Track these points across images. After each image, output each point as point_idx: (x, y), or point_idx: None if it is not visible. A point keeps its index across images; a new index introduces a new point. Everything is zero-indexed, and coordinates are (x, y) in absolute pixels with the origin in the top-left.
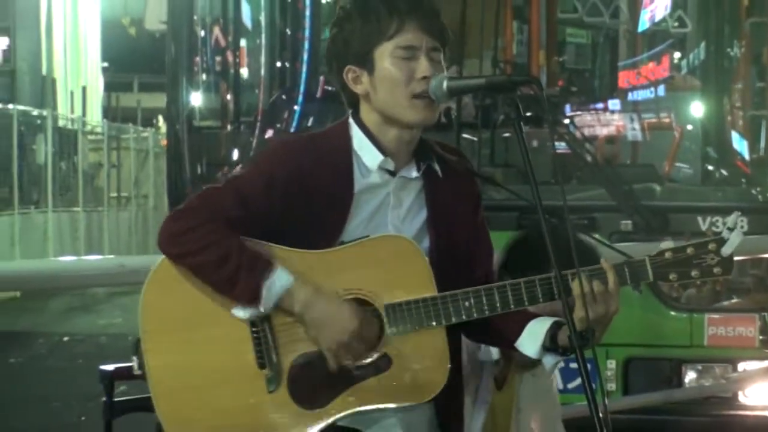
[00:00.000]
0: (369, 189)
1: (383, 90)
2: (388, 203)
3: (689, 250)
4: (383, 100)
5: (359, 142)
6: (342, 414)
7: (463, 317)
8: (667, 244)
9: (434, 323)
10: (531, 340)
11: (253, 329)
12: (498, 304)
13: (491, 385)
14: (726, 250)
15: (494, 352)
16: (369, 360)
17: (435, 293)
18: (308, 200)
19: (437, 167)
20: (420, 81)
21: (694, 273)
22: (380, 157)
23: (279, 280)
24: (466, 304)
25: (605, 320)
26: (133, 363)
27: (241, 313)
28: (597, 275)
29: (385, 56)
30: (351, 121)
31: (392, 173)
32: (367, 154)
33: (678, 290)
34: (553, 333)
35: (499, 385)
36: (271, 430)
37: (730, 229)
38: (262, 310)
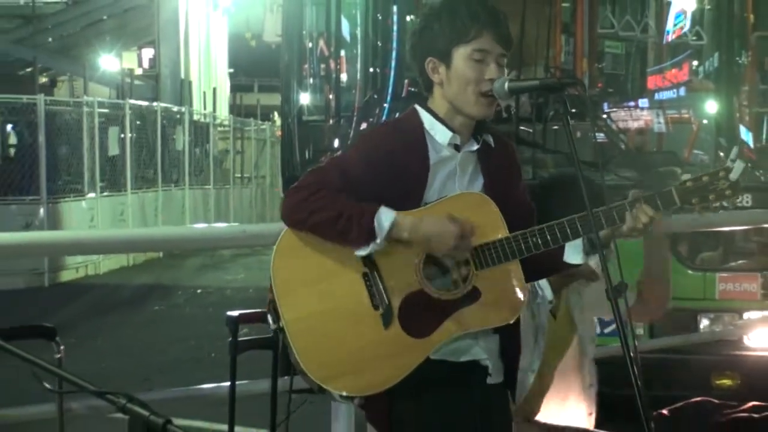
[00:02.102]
0: (441, 162)
1: (456, 84)
2: (455, 173)
3: (705, 179)
4: (454, 92)
5: (430, 123)
6: (444, 340)
7: (533, 250)
8: (687, 176)
9: (512, 258)
10: (574, 251)
11: (365, 278)
12: (559, 236)
13: (548, 316)
14: (733, 176)
15: (548, 295)
16: (462, 294)
17: (508, 234)
18: (396, 174)
19: (491, 139)
20: (487, 82)
21: (711, 196)
22: (450, 134)
23: (385, 216)
24: (534, 239)
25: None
26: (269, 320)
27: (363, 251)
28: (632, 206)
29: (462, 56)
30: (418, 108)
31: (458, 148)
32: (438, 132)
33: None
34: (588, 239)
35: (554, 315)
36: (391, 359)
37: (733, 160)
38: (378, 241)
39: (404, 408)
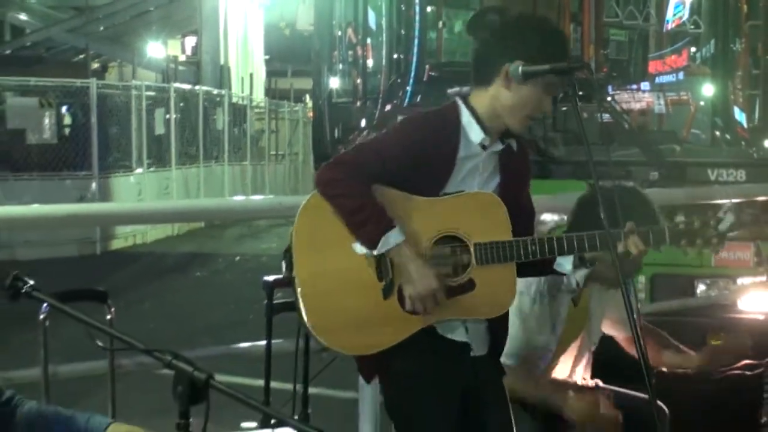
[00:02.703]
0: (467, 157)
1: (517, 98)
2: (477, 169)
3: (696, 224)
4: (511, 101)
5: (468, 121)
6: (434, 320)
7: (530, 257)
8: (680, 218)
9: (510, 260)
10: (564, 262)
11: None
12: (556, 250)
13: (569, 304)
14: (722, 227)
15: (574, 282)
16: (459, 282)
17: (511, 238)
18: (426, 161)
19: (514, 144)
20: (539, 112)
21: (698, 241)
22: (482, 135)
23: (393, 238)
24: (533, 248)
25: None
26: (282, 267)
27: (359, 249)
28: (627, 236)
29: (540, 81)
30: (460, 103)
31: (484, 147)
32: (472, 130)
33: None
34: (580, 255)
35: (575, 302)
36: (382, 327)
37: (725, 212)
38: (374, 253)
39: (398, 363)
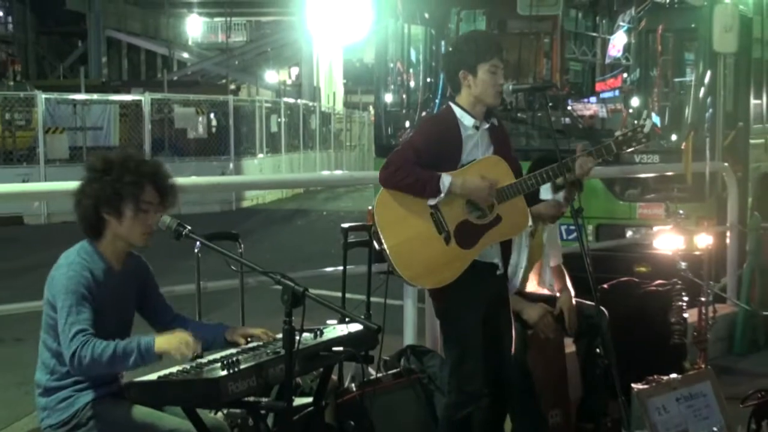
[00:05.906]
0: (468, 137)
1: (481, 86)
2: (477, 144)
3: (629, 133)
4: (479, 92)
5: (460, 113)
6: (482, 249)
7: (531, 189)
8: (618, 133)
9: (520, 193)
10: (545, 191)
11: (432, 215)
12: (545, 178)
13: (528, 236)
14: (646, 129)
15: (529, 222)
16: (490, 219)
17: (515, 180)
18: (443, 146)
19: (495, 121)
20: (498, 85)
21: (633, 143)
22: (473, 119)
23: (445, 179)
24: (531, 181)
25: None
26: (375, 243)
27: (433, 201)
28: (586, 155)
29: (483, 70)
30: (452, 104)
31: (477, 128)
32: (465, 118)
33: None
34: (553, 184)
35: (533, 235)
36: (451, 264)
37: (645, 119)
38: (442, 195)
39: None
